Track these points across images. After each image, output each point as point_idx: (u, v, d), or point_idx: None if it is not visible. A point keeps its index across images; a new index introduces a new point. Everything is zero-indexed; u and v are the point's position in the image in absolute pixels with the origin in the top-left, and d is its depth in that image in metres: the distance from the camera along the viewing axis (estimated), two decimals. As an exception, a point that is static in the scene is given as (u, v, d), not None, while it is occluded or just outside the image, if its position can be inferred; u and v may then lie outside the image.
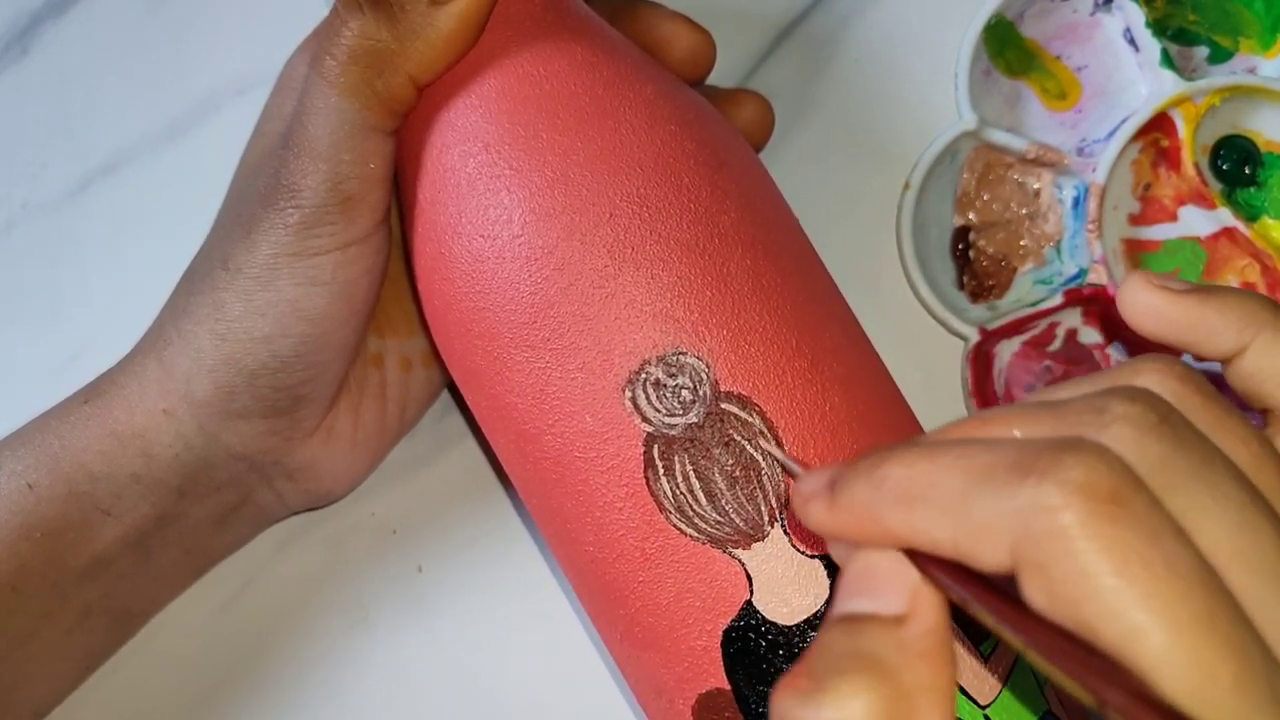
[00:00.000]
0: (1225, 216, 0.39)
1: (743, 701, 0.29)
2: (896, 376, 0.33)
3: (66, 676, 0.36)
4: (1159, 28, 0.40)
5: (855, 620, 0.21)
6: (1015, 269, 0.41)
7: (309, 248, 0.31)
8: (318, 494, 0.37)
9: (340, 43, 0.30)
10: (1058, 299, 0.39)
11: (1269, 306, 0.26)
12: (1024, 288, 0.41)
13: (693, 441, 0.29)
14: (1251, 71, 0.41)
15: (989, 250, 0.41)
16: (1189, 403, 0.22)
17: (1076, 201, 0.40)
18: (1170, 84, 0.39)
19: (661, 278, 0.29)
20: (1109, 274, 0.39)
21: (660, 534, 0.29)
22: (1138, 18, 0.40)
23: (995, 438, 0.21)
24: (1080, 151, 0.40)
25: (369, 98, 0.30)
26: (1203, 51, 0.41)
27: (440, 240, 0.31)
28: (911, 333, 0.40)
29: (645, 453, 0.29)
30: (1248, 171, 0.40)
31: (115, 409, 0.33)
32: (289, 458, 0.34)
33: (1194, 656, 0.18)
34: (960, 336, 0.39)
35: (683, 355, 0.29)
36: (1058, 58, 0.41)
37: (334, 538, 0.40)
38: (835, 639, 0.21)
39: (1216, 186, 0.40)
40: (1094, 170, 0.39)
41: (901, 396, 0.32)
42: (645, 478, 0.29)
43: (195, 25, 0.43)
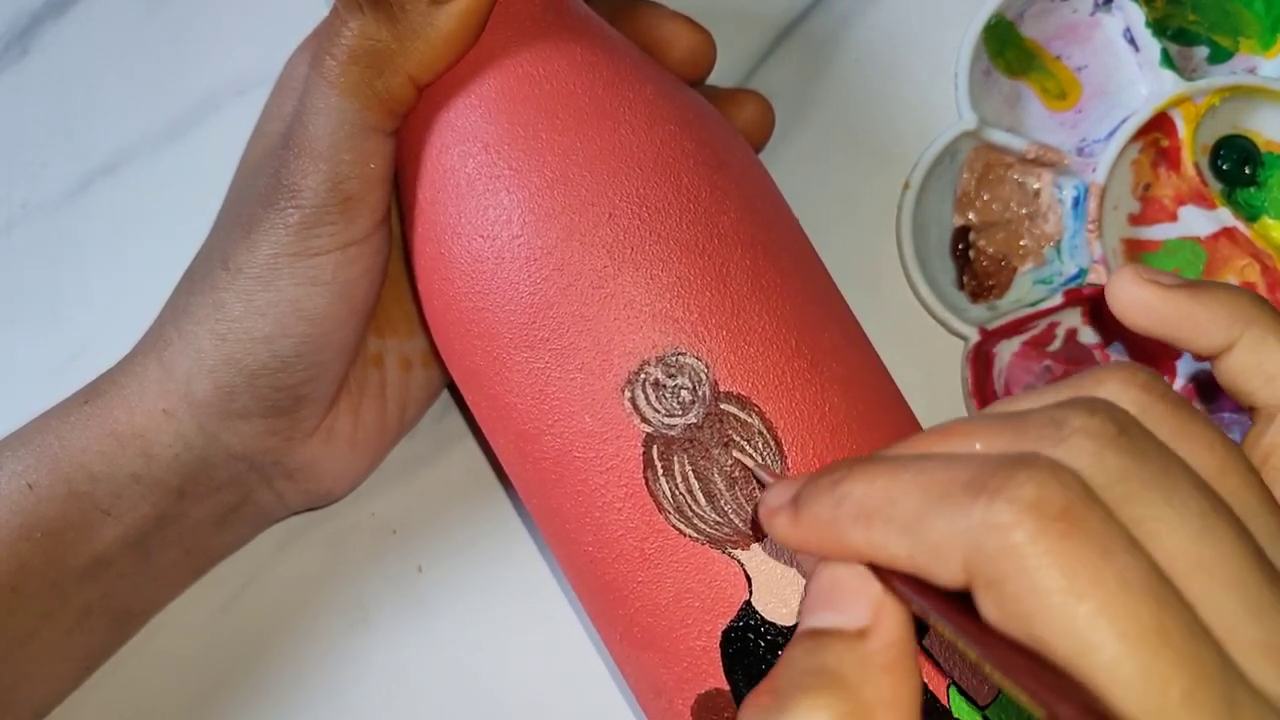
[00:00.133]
0: (1225, 216, 0.39)
1: (742, 702, 0.29)
2: (896, 376, 0.32)
3: (66, 676, 0.36)
4: (1159, 28, 0.40)
5: (818, 635, 0.21)
6: (1015, 269, 0.41)
7: (309, 248, 0.31)
8: (318, 494, 0.37)
9: (340, 43, 0.30)
10: (1058, 299, 0.39)
11: (1258, 303, 0.26)
12: (1024, 288, 0.41)
13: (692, 442, 0.29)
14: (1251, 71, 0.41)
15: (989, 250, 0.41)
16: (1152, 411, 0.22)
17: (1076, 201, 0.40)
18: (1170, 84, 0.39)
19: (661, 278, 0.29)
20: (1109, 274, 0.39)
21: (659, 534, 0.29)
22: (1138, 18, 0.40)
23: (955, 453, 0.21)
24: (1080, 151, 0.40)
25: (369, 98, 0.30)
26: (1203, 51, 0.41)
27: (440, 240, 0.31)
28: (911, 333, 0.40)
29: (644, 453, 0.29)
30: (1248, 171, 0.40)
31: (115, 409, 0.33)
32: (289, 458, 0.34)
33: (1146, 670, 0.18)
34: (960, 336, 0.39)
35: (682, 356, 0.29)
36: (1058, 58, 0.41)
37: (334, 538, 0.40)
38: (798, 655, 0.21)
39: (1216, 186, 0.40)
40: (1094, 170, 0.39)
41: (901, 396, 0.32)
42: (644, 478, 0.29)
43: (195, 25, 0.43)
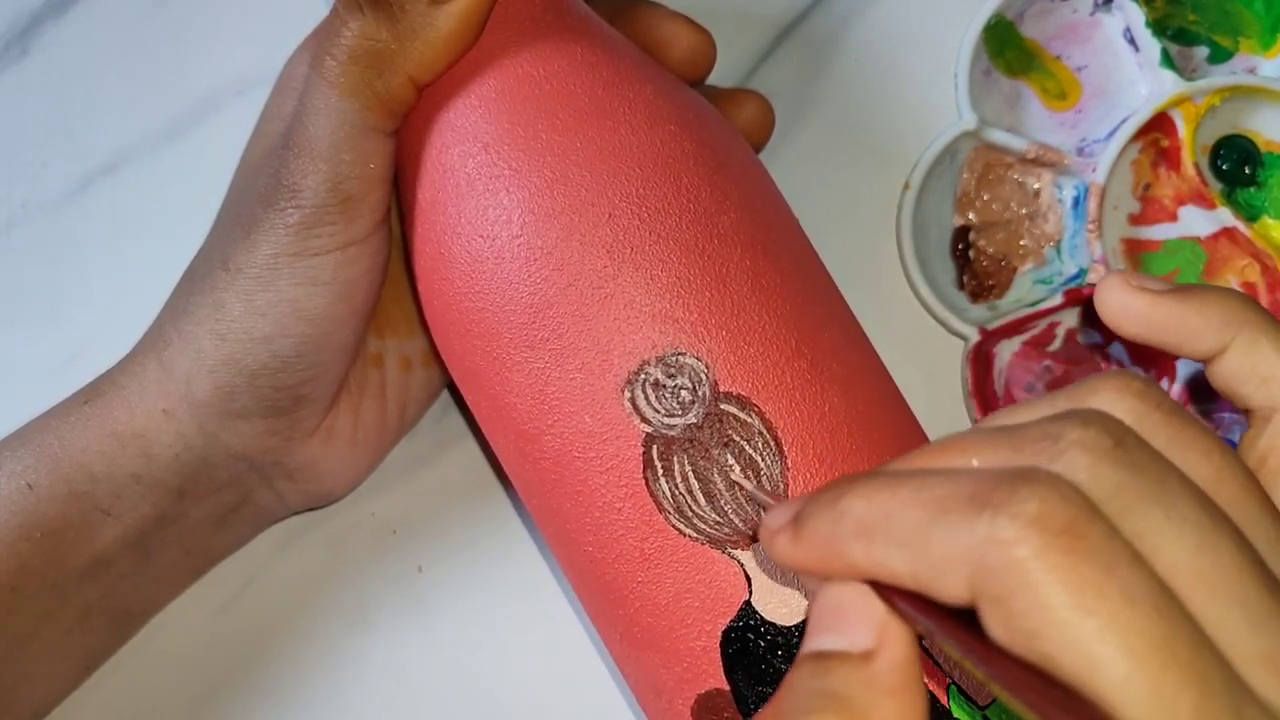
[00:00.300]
0: (1225, 216, 0.39)
1: (742, 702, 0.29)
2: (896, 376, 0.32)
3: (66, 676, 0.36)
4: (1159, 28, 0.40)
5: (823, 658, 0.21)
6: (1015, 269, 0.41)
7: (309, 248, 0.31)
8: (318, 494, 0.37)
9: (340, 43, 0.30)
10: (1058, 299, 0.39)
11: (1249, 305, 0.25)
12: (1024, 288, 0.41)
13: (692, 442, 0.29)
14: (1251, 71, 0.41)
15: (989, 250, 0.41)
16: (1148, 420, 0.22)
17: (1076, 201, 0.40)
18: (1170, 84, 0.39)
19: (661, 278, 0.29)
20: (1108, 274, 0.39)
21: (659, 534, 0.29)
22: (1138, 18, 0.40)
23: (954, 468, 0.21)
24: (1080, 151, 0.40)
25: (369, 98, 0.30)
26: (1203, 51, 0.41)
27: (440, 240, 0.31)
28: (911, 333, 0.40)
29: (644, 453, 0.29)
30: (1248, 171, 0.40)
31: (115, 409, 0.33)
32: (289, 458, 0.34)
33: (1154, 686, 0.18)
34: (960, 336, 0.39)
35: (682, 356, 0.29)
36: (1058, 58, 0.41)
37: (334, 538, 0.40)
38: (803, 679, 0.21)
39: (1216, 186, 0.40)
40: (1094, 170, 0.39)
41: (901, 396, 0.32)
42: (644, 478, 0.29)
43: (195, 25, 0.43)
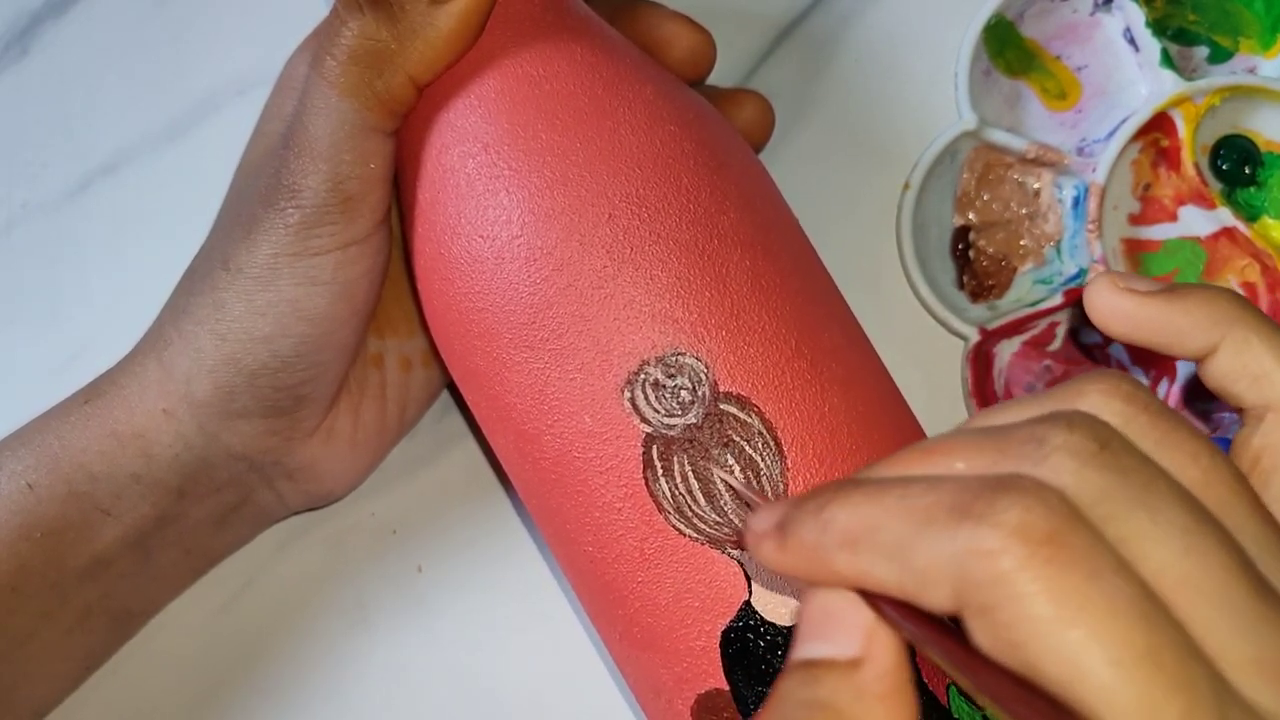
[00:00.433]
0: (1225, 216, 0.39)
1: (741, 702, 0.29)
2: (896, 376, 0.32)
3: (66, 676, 0.36)
4: (1159, 28, 0.40)
5: (811, 666, 0.21)
6: (1015, 269, 0.41)
7: (309, 248, 0.31)
8: (318, 494, 0.37)
9: (340, 43, 0.30)
10: (1058, 299, 0.39)
11: (1238, 304, 0.25)
12: (1024, 288, 0.41)
13: (692, 442, 0.29)
14: (1251, 71, 0.41)
15: (989, 250, 0.41)
16: (1135, 422, 0.21)
17: (1076, 201, 0.40)
18: (1170, 84, 0.39)
19: (660, 278, 0.29)
20: (1109, 274, 0.39)
21: (659, 534, 0.29)
22: (1138, 18, 0.40)
23: (938, 475, 0.21)
24: (1080, 151, 0.40)
25: (369, 98, 0.30)
26: (1203, 51, 0.41)
27: (440, 241, 0.31)
28: (911, 333, 0.40)
29: (644, 453, 0.29)
30: (1248, 171, 0.40)
31: (115, 409, 0.33)
32: (289, 458, 0.34)
33: (1139, 695, 0.18)
34: (960, 336, 0.39)
35: (681, 356, 0.29)
36: (1058, 58, 0.41)
37: (334, 538, 0.40)
38: (792, 688, 0.21)
39: (1216, 186, 0.40)
40: (1094, 170, 0.39)
41: (901, 396, 0.32)
42: (644, 478, 0.29)
43: (195, 25, 0.43)
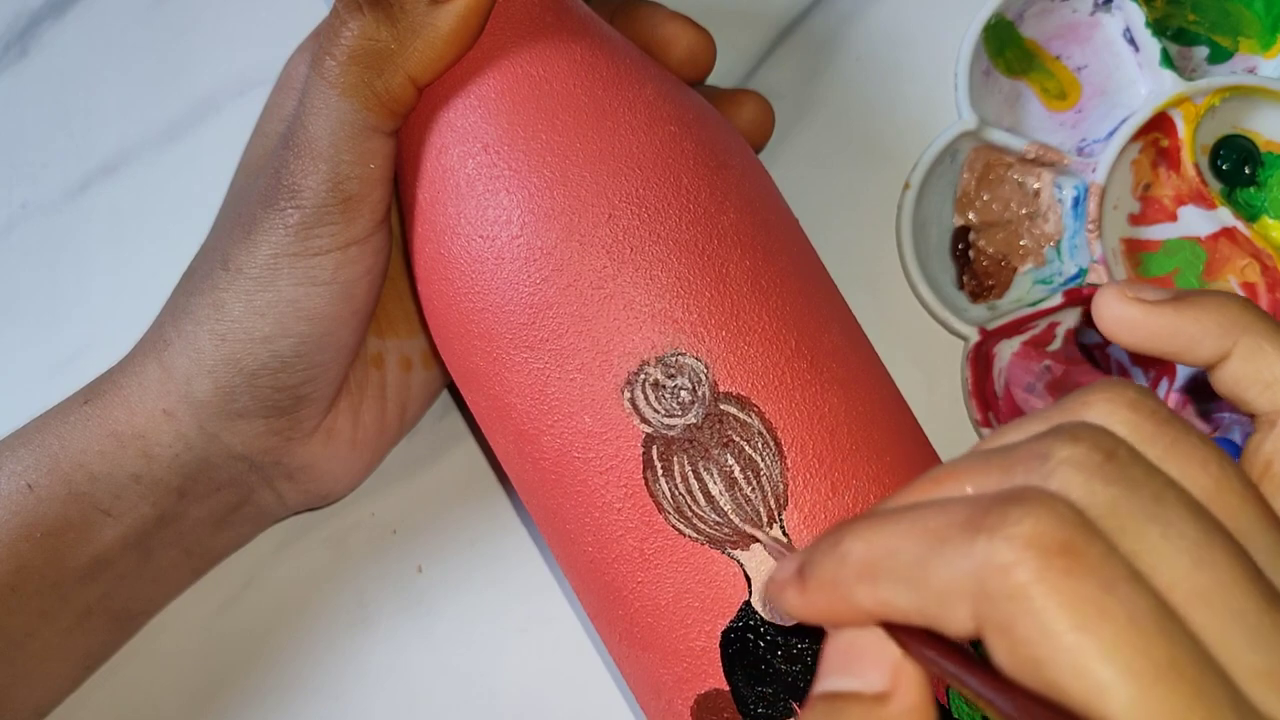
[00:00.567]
0: (1225, 216, 0.39)
1: (741, 702, 0.29)
2: (896, 376, 0.32)
3: (66, 676, 0.36)
4: (1159, 28, 0.40)
5: (835, 699, 0.21)
6: (1015, 269, 0.41)
7: (309, 248, 0.31)
8: (318, 494, 0.37)
9: (340, 43, 0.30)
10: (1058, 299, 0.39)
11: (1248, 310, 0.25)
12: (1024, 288, 0.41)
13: (691, 442, 0.29)
14: (1251, 71, 0.41)
15: (989, 250, 0.41)
16: (1141, 431, 0.21)
17: (1076, 201, 0.40)
18: (1170, 84, 0.39)
19: (660, 278, 0.29)
20: (1109, 274, 0.39)
21: (659, 535, 0.29)
22: (1138, 18, 0.40)
23: (948, 498, 0.21)
24: (1080, 151, 0.40)
25: (369, 98, 0.30)
26: (1203, 51, 0.41)
27: (439, 241, 0.31)
28: (911, 333, 0.40)
29: (644, 453, 0.29)
30: (1248, 171, 0.40)
31: (115, 409, 0.33)
32: (289, 458, 0.34)
33: (1161, 708, 0.18)
34: (960, 336, 0.39)
35: (681, 356, 0.29)
36: (1058, 58, 0.41)
37: (334, 538, 0.40)
38: (816, 718, 0.21)
39: (1216, 186, 0.40)
40: (1094, 170, 0.39)
41: (901, 397, 0.32)
42: (644, 478, 0.29)
43: (195, 25, 0.43)
